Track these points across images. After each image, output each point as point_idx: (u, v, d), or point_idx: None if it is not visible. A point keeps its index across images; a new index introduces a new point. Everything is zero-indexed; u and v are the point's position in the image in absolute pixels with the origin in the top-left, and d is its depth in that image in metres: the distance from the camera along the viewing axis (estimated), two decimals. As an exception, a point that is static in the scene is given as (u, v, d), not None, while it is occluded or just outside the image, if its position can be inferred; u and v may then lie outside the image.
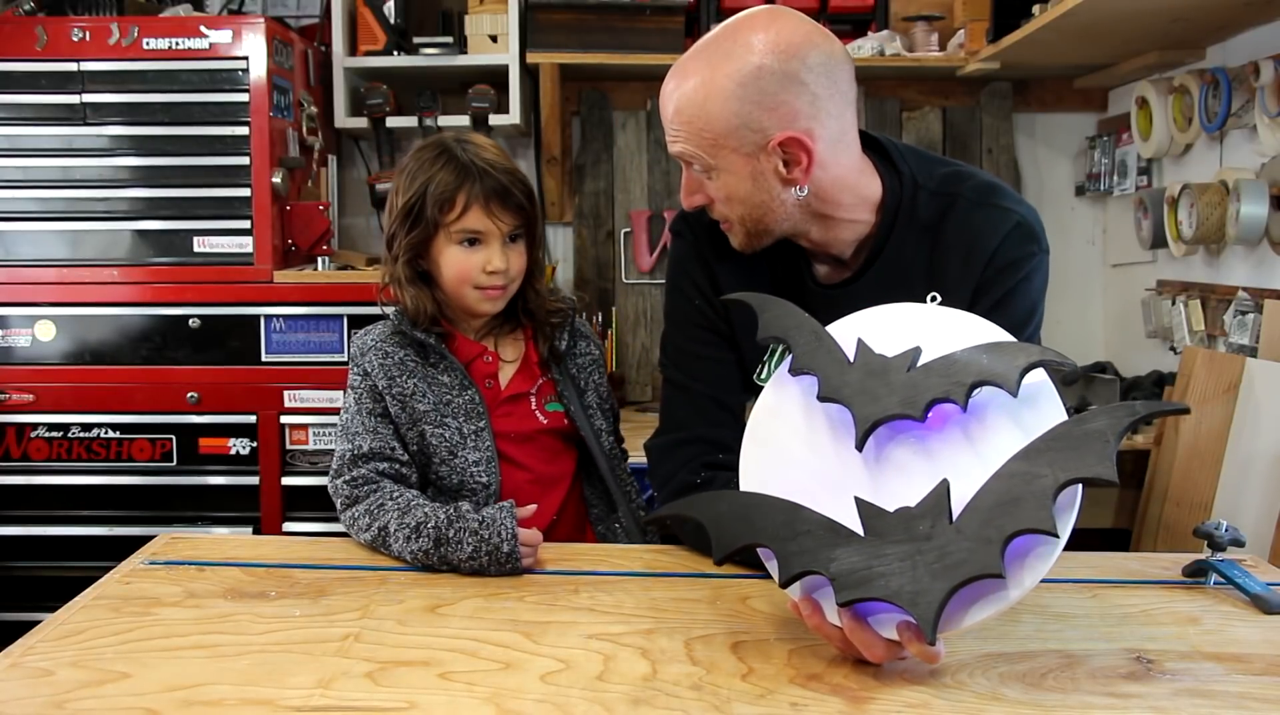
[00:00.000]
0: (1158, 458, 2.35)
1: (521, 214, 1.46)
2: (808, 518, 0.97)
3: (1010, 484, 0.92)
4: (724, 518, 1.00)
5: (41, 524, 2.51)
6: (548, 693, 0.94)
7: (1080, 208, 3.16)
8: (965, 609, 0.93)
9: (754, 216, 1.26)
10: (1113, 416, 0.93)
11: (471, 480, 1.45)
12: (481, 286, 1.45)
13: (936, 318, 1.07)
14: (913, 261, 1.30)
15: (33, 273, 2.49)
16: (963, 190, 1.30)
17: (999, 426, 0.98)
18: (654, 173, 3.07)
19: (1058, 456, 0.92)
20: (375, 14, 2.80)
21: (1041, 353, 0.99)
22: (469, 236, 1.44)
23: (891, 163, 1.32)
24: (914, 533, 0.93)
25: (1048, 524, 0.90)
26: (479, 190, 1.42)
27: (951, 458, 0.98)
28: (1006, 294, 1.26)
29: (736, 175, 1.22)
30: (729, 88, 1.18)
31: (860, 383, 1.01)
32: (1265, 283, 2.27)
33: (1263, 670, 1.00)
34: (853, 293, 1.30)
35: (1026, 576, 0.92)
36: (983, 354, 0.99)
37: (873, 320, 1.08)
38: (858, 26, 2.95)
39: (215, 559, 1.30)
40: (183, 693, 0.93)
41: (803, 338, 1.06)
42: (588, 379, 1.56)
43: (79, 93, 2.46)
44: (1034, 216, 1.30)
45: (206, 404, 2.49)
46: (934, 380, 0.98)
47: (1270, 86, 2.16)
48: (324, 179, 2.81)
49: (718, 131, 1.19)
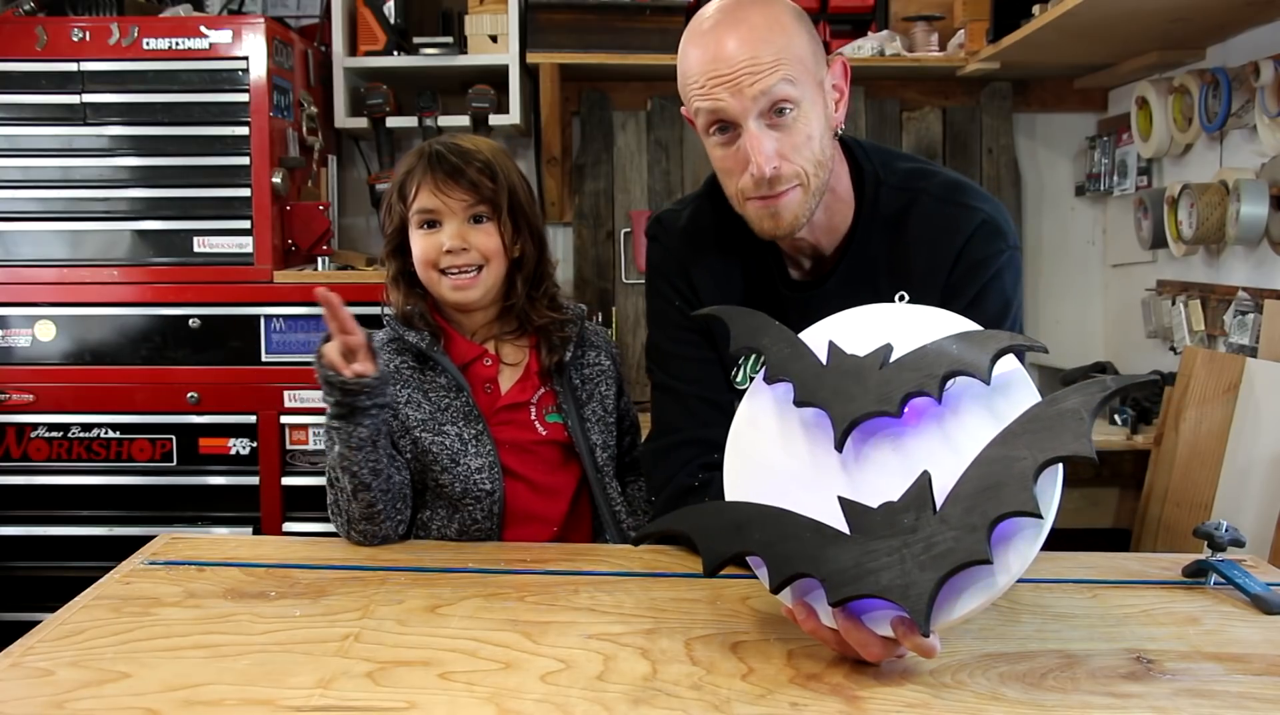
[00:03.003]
0: (1158, 458, 2.35)
1: (477, 192, 1.44)
2: (794, 521, 0.97)
3: (990, 469, 0.92)
4: (711, 529, 1.00)
5: (41, 524, 2.52)
6: (548, 693, 0.94)
7: (1080, 208, 3.16)
8: (956, 598, 0.93)
9: (820, 163, 1.23)
10: (1085, 394, 0.94)
11: (475, 487, 1.44)
12: (443, 269, 1.44)
13: (905, 315, 1.08)
14: (877, 257, 1.30)
15: (33, 273, 2.49)
16: (926, 187, 1.30)
17: (974, 415, 0.98)
18: (654, 173, 3.07)
19: (1035, 438, 0.92)
20: (375, 14, 2.80)
21: (1011, 338, 0.99)
22: (426, 218, 1.45)
23: (853, 157, 1.32)
24: (899, 527, 0.93)
25: (1030, 505, 0.90)
26: (430, 171, 1.44)
27: (930, 450, 0.98)
28: (979, 293, 1.26)
29: (815, 107, 1.22)
30: (792, 20, 1.21)
31: (835, 384, 1.01)
32: (1265, 283, 2.27)
33: (1263, 670, 1.00)
34: (824, 291, 1.30)
35: (1014, 561, 0.92)
36: (952, 344, 0.99)
37: (843, 323, 1.08)
38: (858, 26, 2.95)
39: (215, 559, 1.30)
40: (183, 693, 0.93)
41: (775, 346, 1.06)
42: (593, 390, 1.53)
43: (79, 93, 2.46)
44: (1000, 213, 1.30)
45: (206, 404, 2.49)
46: (906, 375, 0.99)
47: (1270, 86, 2.16)
48: (324, 179, 2.81)
49: (802, 56, 1.20)
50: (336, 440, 1.34)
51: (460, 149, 1.46)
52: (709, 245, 1.39)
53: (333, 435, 1.34)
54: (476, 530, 1.46)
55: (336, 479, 1.36)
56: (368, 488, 1.35)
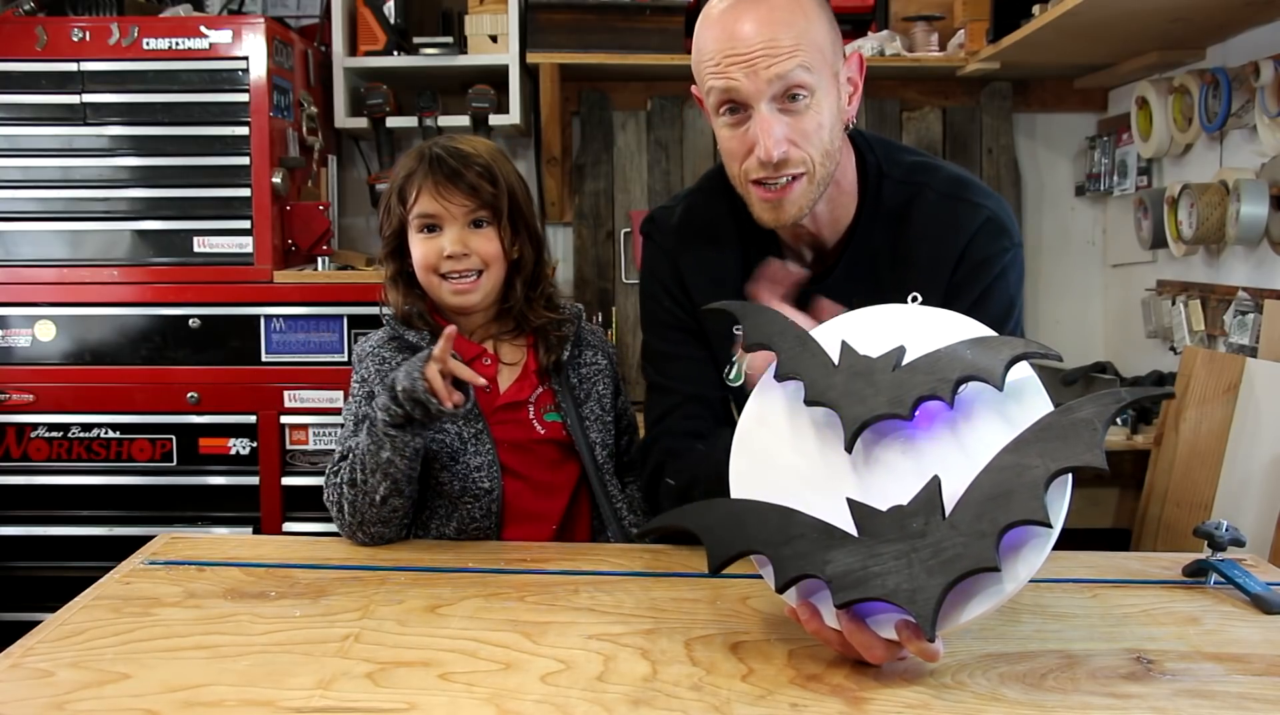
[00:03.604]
0: (1158, 458, 2.35)
1: (477, 197, 1.44)
2: (801, 521, 0.97)
3: (1001, 476, 0.92)
4: (717, 526, 0.99)
5: (41, 524, 2.52)
6: (548, 693, 0.94)
7: (1080, 208, 3.16)
8: (963, 604, 0.93)
9: (829, 153, 1.23)
10: (1099, 404, 0.94)
11: (474, 485, 1.44)
12: (444, 273, 1.45)
13: (919, 317, 1.07)
14: (879, 251, 1.29)
15: (33, 273, 2.49)
16: (930, 181, 1.29)
17: (986, 421, 0.98)
18: (654, 173, 3.07)
19: (1047, 446, 0.92)
20: (375, 14, 2.80)
21: (1025, 345, 0.99)
22: (426, 223, 1.45)
23: (857, 148, 1.31)
24: (908, 530, 0.93)
25: (1040, 514, 0.90)
26: (430, 174, 1.44)
27: (941, 454, 0.98)
28: (983, 292, 1.26)
29: (829, 97, 1.21)
30: (815, 5, 1.20)
31: (846, 385, 1.01)
32: (1265, 283, 2.27)
33: (1263, 670, 1.00)
34: (825, 283, 1.30)
35: (1021, 568, 0.92)
36: (966, 349, 0.99)
37: (856, 322, 1.08)
38: (858, 26, 2.95)
39: (215, 559, 1.30)
40: (183, 693, 0.93)
41: (786, 343, 1.05)
42: (590, 389, 1.54)
43: (79, 93, 2.46)
44: (1004, 211, 1.29)
45: (206, 404, 2.49)
46: (919, 378, 0.98)
47: (1270, 86, 2.16)
48: (324, 179, 2.81)
49: (821, 44, 1.19)
50: (388, 446, 1.33)
51: (460, 153, 1.46)
52: (703, 239, 1.38)
53: (384, 441, 1.33)
54: (475, 528, 1.46)
55: (364, 481, 1.35)
56: (400, 494, 1.36)
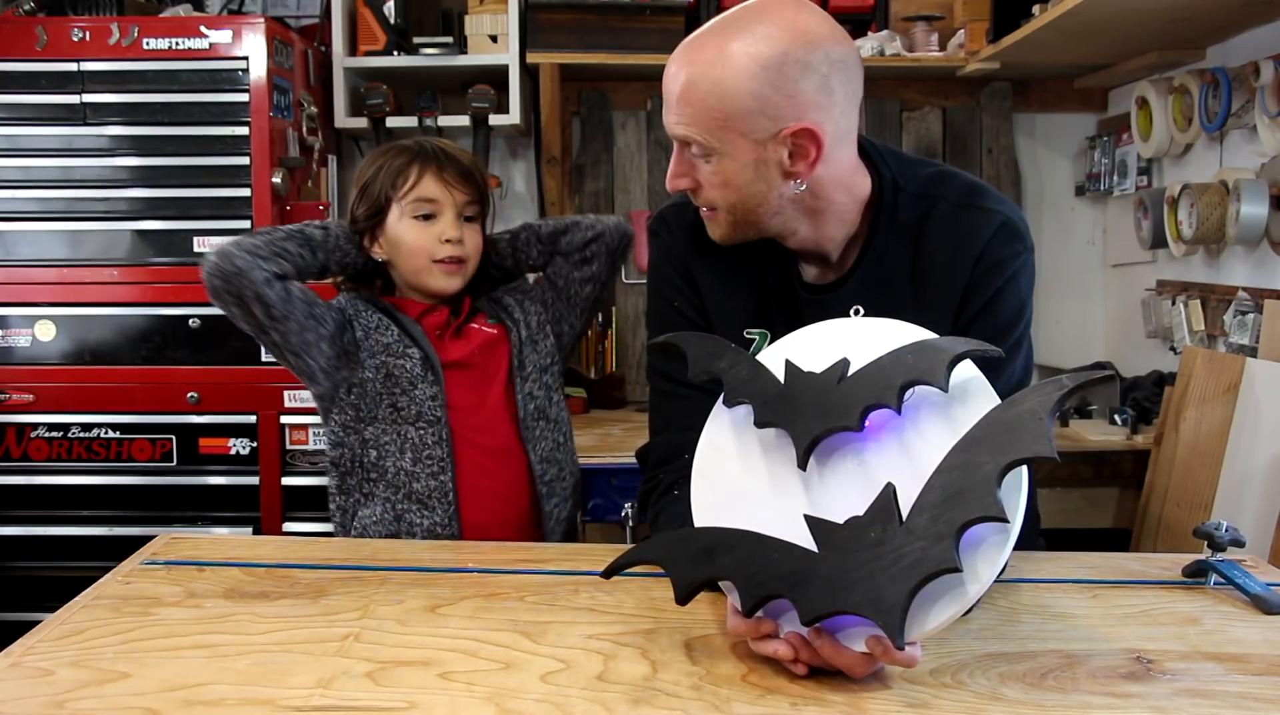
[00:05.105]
0: (1158, 458, 2.35)
1: (474, 189, 1.55)
2: (762, 543, 0.97)
3: (953, 477, 0.92)
4: (680, 557, 0.99)
5: (41, 524, 2.51)
6: (548, 693, 0.94)
7: (1080, 208, 3.16)
8: (928, 609, 0.92)
9: (746, 207, 1.23)
10: (1042, 394, 0.94)
11: (429, 412, 1.52)
12: (440, 258, 1.53)
13: (860, 329, 1.08)
14: (897, 264, 1.29)
15: (33, 273, 2.49)
16: (944, 193, 1.29)
17: (933, 423, 0.99)
18: (654, 173, 3.07)
19: (995, 442, 0.93)
20: (375, 14, 2.80)
21: (966, 344, 0.99)
22: (424, 209, 1.53)
23: (872, 163, 1.31)
24: (866, 541, 0.93)
25: (995, 510, 0.90)
26: (432, 162, 1.54)
27: (892, 461, 0.99)
28: (995, 294, 1.26)
29: (738, 161, 1.19)
30: (751, 67, 1.14)
31: (794, 403, 1.01)
32: (1265, 283, 2.27)
33: (1263, 670, 1.00)
34: (840, 294, 1.29)
35: (983, 567, 0.92)
36: (909, 354, 0.99)
37: (799, 341, 1.09)
38: (858, 26, 2.95)
39: (215, 559, 1.30)
40: (183, 693, 0.94)
41: (732, 368, 1.06)
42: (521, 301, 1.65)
43: (79, 93, 2.46)
44: (1018, 215, 1.30)
45: (206, 404, 2.49)
46: (865, 388, 0.99)
47: (1270, 86, 2.16)
48: (324, 179, 2.81)
49: (730, 111, 1.16)
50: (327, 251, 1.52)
51: (452, 150, 1.58)
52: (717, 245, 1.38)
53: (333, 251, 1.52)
54: (428, 456, 1.53)
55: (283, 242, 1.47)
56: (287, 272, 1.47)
